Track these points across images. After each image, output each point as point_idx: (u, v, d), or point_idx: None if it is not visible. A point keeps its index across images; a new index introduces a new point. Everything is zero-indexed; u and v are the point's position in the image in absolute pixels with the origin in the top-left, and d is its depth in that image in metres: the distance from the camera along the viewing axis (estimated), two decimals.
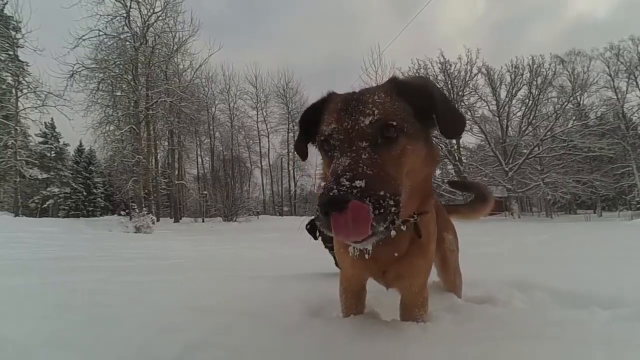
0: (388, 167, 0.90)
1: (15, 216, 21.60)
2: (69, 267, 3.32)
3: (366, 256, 1.11)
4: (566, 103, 30.45)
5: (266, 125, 38.92)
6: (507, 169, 28.32)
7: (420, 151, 1.01)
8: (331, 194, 0.77)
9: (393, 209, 0.83)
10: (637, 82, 31.68)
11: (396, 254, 1.18)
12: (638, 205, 32.52)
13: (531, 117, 30.26)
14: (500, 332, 1.19)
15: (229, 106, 36.20)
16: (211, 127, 34.40)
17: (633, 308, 1.66)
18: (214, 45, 41.53)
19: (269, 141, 39.40)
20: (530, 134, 30.83)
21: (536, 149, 29.14)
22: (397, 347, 1.04)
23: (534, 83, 29.99)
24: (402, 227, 1.09)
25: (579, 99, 32.05)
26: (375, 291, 1.56)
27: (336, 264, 2.68)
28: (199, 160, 36.45)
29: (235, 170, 35.75)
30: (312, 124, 1.12)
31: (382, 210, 0.80)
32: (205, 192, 29.82)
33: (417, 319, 1.30)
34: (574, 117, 31.22)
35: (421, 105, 1.02)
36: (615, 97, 31.76)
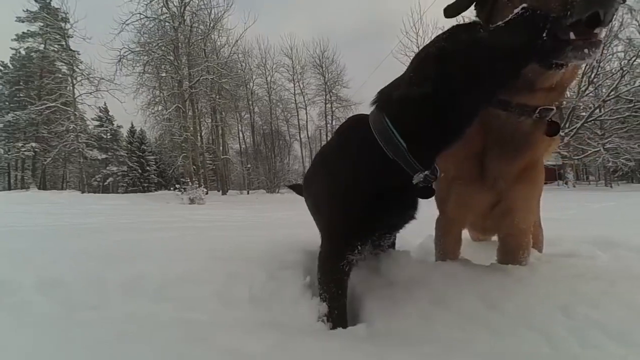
0: None
1: (82, 193, 23.79)
2: (158, 228, 3.64)
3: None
4: (634, 58, 27.04)
5: (303, 97, 38.62)
6: (562, 133, 26.18)
7: None
8: None
9: None
10: None
11: (519, 160, 1.22)
12: None
13: (592, 76, 27.37)
14: (606, 276, 1.22)
15: (266, 80, 36.24)
16: (250, 102, 34.83)
17: None
18: (249, 19, 41.35)
19: (306, 113, 39.24)
20: (590, 94, 27.98)
21: (597, 111, 26.54)
22: (511, 282, 1.10)
23: None
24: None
25: None
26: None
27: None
28: (241, 135, 37.35)
29: (275, 143, 36.35)
30: None
31: None
32: (248, 166, 30.77)
33: (520, 262, 1.33)
34: None
35: None
36: None
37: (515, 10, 0.91)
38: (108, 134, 38.81)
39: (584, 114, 27.14)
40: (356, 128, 1.16)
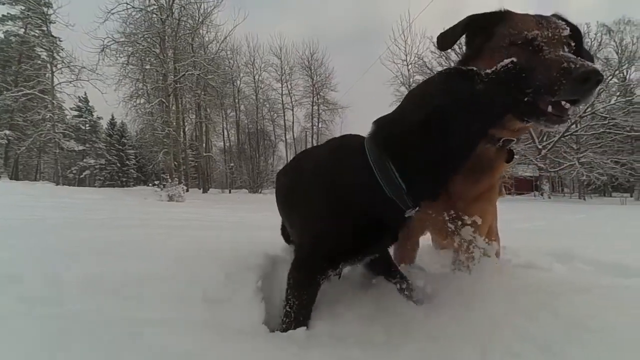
0: None
1: (56, 185, 22.99)
2: (129, 225, 3.63)
3: None
4: (611, 77, 28.30)
5: (291, 98, 38.48)
6: (540, 146, 27.07)
7: None
8: (596, 67, 0.98)
9: None
10: None
11: (480, 183, 1.36)
12: None
13: None
14: (551, 288, 1.26)
15: (254, 79, 35.96)
16: (236, 100, 34.54)
17: None
18: (239, 16, 40.94)
19: (293, 114, 39.13)
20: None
21: (573, 126, 27.57)
22: (455, 291, 1.14)
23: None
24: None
25: (625, 73, 29.72)
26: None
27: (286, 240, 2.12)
28: (225, 133, 36.95)
29: (260, 143, 36.14)
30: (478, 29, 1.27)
31: None
32: (231, 165, 30.42)
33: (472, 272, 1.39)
34: (618, 93, 29.08)
35: None
36: None
37: (505, 61, 1.00)
38: (87, 125, 37.77)
39: (561, 128, 28.13)
40: (354, 153, 1.17)
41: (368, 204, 1.11)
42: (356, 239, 1.13)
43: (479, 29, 1.28)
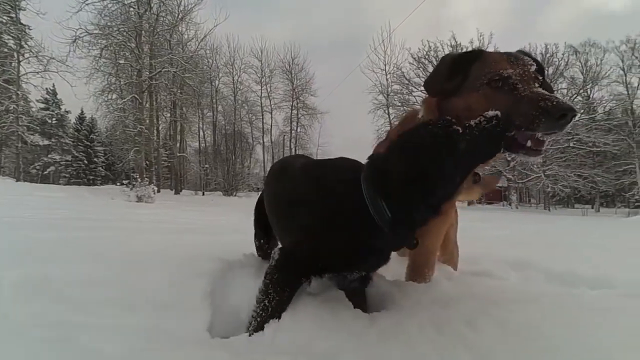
0: None
1: (17, 181, 21.73)
2: (90, 226, 3.56)
3: None
4: (575, 95, 30.04)
5: (270, 101, 38.35)
6: (509, 158, 28.22)
7: None
8: (571, 104, 1.06)
9: None
10: None
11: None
12: (637, 204, 32.70)
13: None
14: (498, 296, 1.30)
15: (233, 79, 35.60)
16: (214, 101, 34.02)
17: (621, 289, 1.79)
18: (220, 15, 40.41)
19: (272, 117, 38.97)
20: None
21: None
22: (401, 298, 1.15)
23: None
24: None
25: (589, 92, 31.64)
26: None
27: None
28: (201, 133, 36.28)
29: (237, 145, 35.67)
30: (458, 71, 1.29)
31: None
32: (206, 166, 29.79)
33: (425, 279, 1.43)
34: (582, 111, 30.88)
35: None
36: (626, 92, 31.26)
37: (489, 114, 1.06)
38: (54, 119, 36.01)
39: (538, 159, 29.46)
40: (355, 183, 1.24)
41: (362, 227, 1.19)
42: (346, 254, 1.21)
43: (458, 68, 1.31)
